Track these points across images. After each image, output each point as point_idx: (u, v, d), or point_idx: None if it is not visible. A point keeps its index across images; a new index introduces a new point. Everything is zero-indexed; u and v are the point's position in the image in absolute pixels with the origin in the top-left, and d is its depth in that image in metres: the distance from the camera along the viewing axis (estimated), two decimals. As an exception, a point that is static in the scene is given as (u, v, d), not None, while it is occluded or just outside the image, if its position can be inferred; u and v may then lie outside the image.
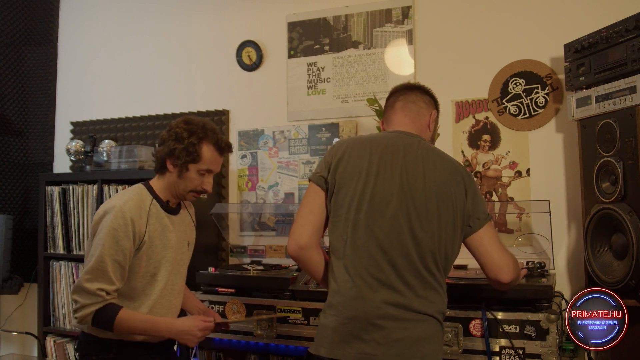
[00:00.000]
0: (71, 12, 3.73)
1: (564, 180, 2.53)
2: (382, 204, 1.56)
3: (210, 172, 1.88)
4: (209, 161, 1.85)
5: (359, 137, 1.73)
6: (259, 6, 3.18)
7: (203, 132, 1.84)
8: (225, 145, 1.89)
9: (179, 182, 1.85)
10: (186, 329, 1.84)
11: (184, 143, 1.81)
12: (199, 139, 1.83)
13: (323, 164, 1.68)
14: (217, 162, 1.90)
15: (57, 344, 3.03)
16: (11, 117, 3.55)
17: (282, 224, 3.05)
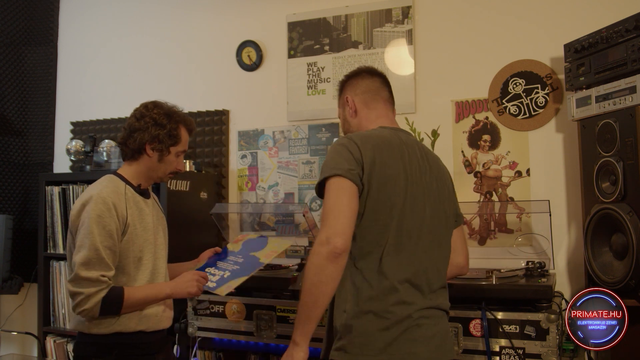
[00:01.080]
0: (71, 12, 3.73)
1: (564, 180, 2.53)
2: (420, 211, 1.57)
3: (184, 153, 1.98)
4: (185, 142, 1.96)
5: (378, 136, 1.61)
6: (259, 6, 3.18)
7: (178, 116, 1.94)
8: (194, 128, 2.02)
9: (159, 166, 1.91)
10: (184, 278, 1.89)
11: (167, 128, 1.88)
12: (177, 122, 1.92)
13: (352, 161, 1.51)
14: (188, 143, 2.01)
15: (57, 344, 3.03)
16: (11, 117, 3.54)
17: (282, 224, 3.05)
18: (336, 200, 1.46)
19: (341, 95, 1.81)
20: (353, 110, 1.75)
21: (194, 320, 2.54)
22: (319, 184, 1.54)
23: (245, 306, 2.46)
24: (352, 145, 1.54)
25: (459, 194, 2.67)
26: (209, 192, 3.02)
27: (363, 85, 1.77)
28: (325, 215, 1.46)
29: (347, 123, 1.78)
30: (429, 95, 2.79)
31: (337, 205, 1.46)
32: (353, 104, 1.75)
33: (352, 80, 1.79)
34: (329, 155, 1.56)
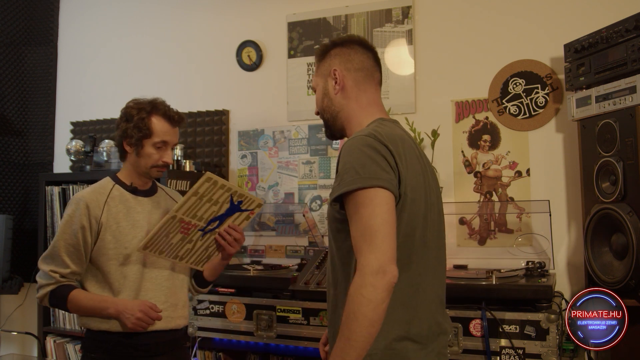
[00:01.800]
0: (71, 12, 3.73)
1: (564, 180, 2.53)
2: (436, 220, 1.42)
3: (166, 145, 1.87)
4: (161, 133, 1.85)
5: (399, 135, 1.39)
6: (259, 6, 3.18)
7: (150, 106, 1.86)
8: (175, 114, 1.89)
9: (139, 161, 1.87)
10: (127, 308, 1.76)
11: (134, 120, 1.83)
12: (148, 112, 1.84)
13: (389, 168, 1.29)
14: (171, 133, 1.88)
15: (57, 344, 3.03)
16: (11, 117, 3.54)
17: (282, 224, 3.05)
18: (383, 218, 1.23)
19: (323, 62, 1.53)
20: (340, 86, 1.48)
21: (194, 320, 2.54)
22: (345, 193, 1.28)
23: (245, 306, 2.46)
24: (383, 148, 1.30)
25: (459, 194, 2.70)
26: (209, 192, 3.02)
27: (357, 60, 1.50)
28: (370, 235, 1.22)
29: (328, 99, 1.51)
30: (429, 95, 2.79)
31: (384, 225, 1.23)
32: (342, 79, 1.48)
33: (344, 50, 1.51)
34: (356, 157, 1.29)
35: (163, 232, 1.75)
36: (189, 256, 1.85)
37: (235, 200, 1.79)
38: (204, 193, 1.73)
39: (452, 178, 2.71)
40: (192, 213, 1.76)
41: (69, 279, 1.81)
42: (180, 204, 1.72)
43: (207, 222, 1.80)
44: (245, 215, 1.86)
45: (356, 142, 1.32)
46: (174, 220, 1.74)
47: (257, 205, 1.85)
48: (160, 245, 1.77)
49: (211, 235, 1.84)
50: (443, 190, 2.65)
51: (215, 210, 1.79)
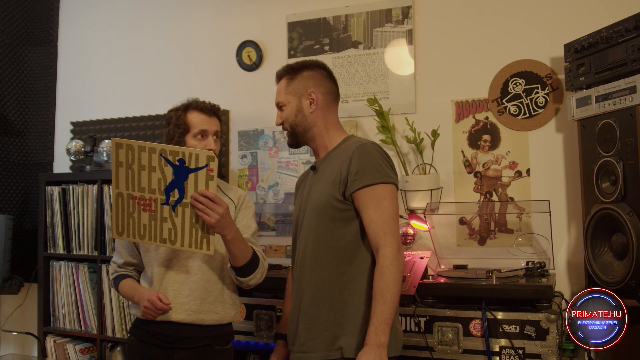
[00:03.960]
0: (71, 12, 3.73)
1: (564, 180, 2.53)
2: None
3: (206, 134, 1.92)
4: (198, 123, 1.92)
5: None
6: (259, 6, 3.18)
7: (184, 105, 1.97)
8: (208, 104, 1.97)
9: None
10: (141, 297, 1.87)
11: (172, 121, 1.94)
12: (182, 110, 1.95)
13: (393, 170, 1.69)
14: (210, 122, 1.94)
15: (57, 344, 3.03)
16: (11, 117, 3.54)
17: (282, 224, 3.05)
18: (395, 210, 1.63)
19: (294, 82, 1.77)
20: (316, 107, 1.76)
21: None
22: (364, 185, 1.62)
23: (245, 306, 2.46)
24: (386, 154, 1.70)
25: (459, 194, 2.70)
26: (209, 192, 3.02)
27: (327, 85, 1.79)
28: (390, 222, 1.60)
29: (302, 115, 1.77)
30: (429, 95, 2.79)
31: (397, 216, 1.63)
32: (317, 100, 1.76)
33: (314, 74, 1.78)
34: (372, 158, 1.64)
35: (121, 212, 1.77)
36: (179, 237, 1.76)
37: (174, 160, 1.70)
38: (128, 161, 1.72)
39: (452, 178, 2.71)
40: (135, 186, 1.74)
41: (125, 269, 2.03)
42: (113, 178, 1.75)
43: (165, 194, 1.73)
44: (204, 175, 1.71)
45: (369, 147, 1.66)
46: (121, 197, 1.75)
47: (208, 158, 1.70)
48: (134, 229, 1.78)
49: (184, 208, 1.73)
50: (443, 190, 2.66)
51: (159, 177, 1.72)
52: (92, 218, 2.99)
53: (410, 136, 2.67)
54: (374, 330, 1.50)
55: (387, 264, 1.54)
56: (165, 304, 1.82)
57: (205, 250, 1.77)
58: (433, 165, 2.69)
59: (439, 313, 2.15)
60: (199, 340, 1.88)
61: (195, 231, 1.75)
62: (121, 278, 2.02)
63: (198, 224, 1.75)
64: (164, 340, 1.87)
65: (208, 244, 1.76)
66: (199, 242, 1.76)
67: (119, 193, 1.75)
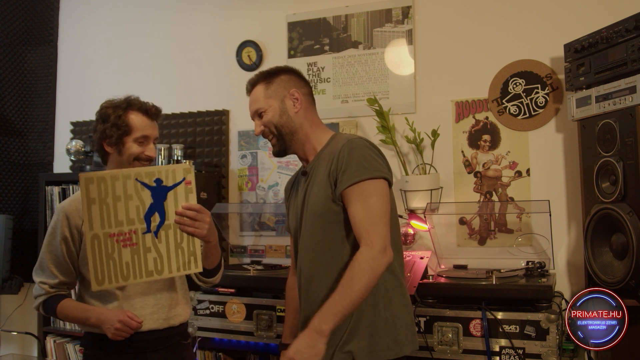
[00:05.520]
0: (71, 12, 3.73)
1: (564, 180, 2.53)
2: None
3: (147, 138, 1.80)
4: (140, 127, 1.78)
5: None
6: (259, 6, 3.18)
7: (126, 103, 1.80)
8: (152, 107, 1.82)
9: (121, 160, 1.79)
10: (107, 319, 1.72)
11: (110, 120, 1.77)
12: (124, 109, 1.78)
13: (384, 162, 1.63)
14: (150, 127, 1.81)
15: (57, 344, 3.03)
16: (11, 117, 3.54)
17: (282, 224, 3.05)
18: (384, 206, 1.55)
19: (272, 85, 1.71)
20: (300, 106, 1.71)
21: (194, 320, 2.54)
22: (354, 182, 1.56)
23: (245, 306, 2.46)
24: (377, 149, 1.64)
25: (459, 194, 2.70)
26: (209, 192, 3.03)
27: (305, 87, 1.76)
28: (377, 220, 1.52)
29: (287, 117, 1.70)
30: (429, 95, 2.79)
31: (386, 213, 1.55)
32: (300, 99, 1.71)
33: (292, 77, 1.74)
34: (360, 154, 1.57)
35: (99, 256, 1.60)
36: (165, 265, 1.65)
37: (150, 182, 1.61)
38: (100, 196, 1.59)
39: (452, 178, 2.71)
40: (112, 222, 1.60)
41: (59, 289, 1.82)
42: (86, 220, 1.59)
43: (145, 221, 1.62)
44: (183, 189, 1.64)
45: (357, 143, 1.59)
46: (97, 240, 1.59)
47: (184, 171, 1.64)
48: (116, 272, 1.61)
49: (167, 230, 1.64)
50: (443, 190, 2.66)
51: (137, 204, 1.61)
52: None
53: (410, 136, 2.67)
54: (319, 316, 1.45)
55: (360, 260, 1.48)
56: (139, 323, 1.72)
57: (194, 269, 1.68)
58: (433, 165, 2.69)
59: (439, 313, 2.15)
60: (170, 339, 1.87)
61: (182, 252, 1.66)
62: (58, 299, 1.80)
63: (184, 244, 1.65)
64: (135, 347, 1.80)
65: (196, 262, 1.67)
66: (186, 263, 1.67)
67: (94, 235, 1.59)
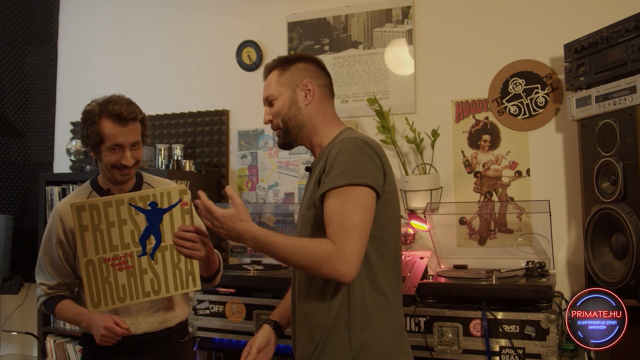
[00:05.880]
0: (71, 12, 3.73)
1: (564, 180, 2.53)
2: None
3: (121, 146, 1.71)
4: (112, 136, 1.69)
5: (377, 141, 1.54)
6: (259, 6, 3.18)
7: (99, 109, 1.70)
8: (124, 111, 1.70)
9: (102, 166, 1.76)
10: (95, 325, 1.69)
11: (85, 129, 1.72)
12: (98, 116, 1.70)
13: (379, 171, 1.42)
14: (126, 133, 1.71)
15: (57, 344, 3.03)
16: (11, 117, 3.54)
17: (282, 224, 3.05)
18: (361, 217, 1.35)
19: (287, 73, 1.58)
20: (312, 99, 1.56)
21: (193, 320, 2.54)
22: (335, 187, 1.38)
23: (245, 306, 2.46)
24: (370, 150, 1.43)
25: (459, 194, 2.70)
26: (209, 192, 3.01)
27: (322, 78, 1.60)
28: (350, 230, 1.33)
29: (296, 108, 1.56)
30: (429, 95, 2.79)
31: (362, 224, 1.35)
32: (313, 91, 1.56)
33: (309, 66, 1.59)
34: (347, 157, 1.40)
35: (94, 281, 1.59)
36: (162, 285, 1.63)
37: (145, 206, 1.58)
38: (93, 223, 1.56)
39: (452, 178, 2.71)
40: (107, 247, 1.58)
41: (58, 290, 1.82)
42: (80, 247, 1.57)
43: (140, 244, 1.60)
44: (180, 211, 1.60)
45: (349, 143, 1.43)
46: (92, 265, 1.58)
47: (180, 192, 1.60)
48: (112, 294, 1.60)
49: (164, 252, 1.62)
50: (443, 190, 2.66)
51: (132, 229, 1.59)
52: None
53: (410, 136, 2.67)
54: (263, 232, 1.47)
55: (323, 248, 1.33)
56: (125, 329, 1.66)
57: (192, 287, 1.65)
58: (433, 165, 2.69)
59: (439, 313, 2.14)
60: (166, 339, 1.86)
61: (179, 272, 1.63)
62: (57, 300, 1.80)
63: (181, 264, 1.62)
64: (132, 346, 1.79)
65: (194, 280, 1.64)
66: (184, 282, 1.63)
67: (88, 261, 1.57)
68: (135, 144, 1.75)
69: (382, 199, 1.42)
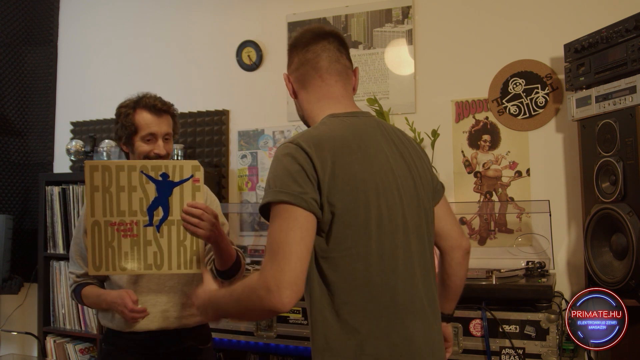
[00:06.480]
0: (71, 12, 3.73)
1: (564, 180, 2.53)
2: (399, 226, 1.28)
3: (155, 136, 1.78)
4: (145, 125, 1.77)
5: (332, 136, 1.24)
6: (259, 6, 3.18)
7: (134, 102, 1.81)
8: (158, 103, 1.81)
9: (134, 158, 1.81)
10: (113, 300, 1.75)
11: (120, 119, 1.80)
12: (132, 109, 1.79)
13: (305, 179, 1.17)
14: (159, 123, 1.79)
15: (57, 344, 3.03)
16: (11, 117, 3.54)
17: (282, 224, 3.04)
18: (287, 235, 1.13)
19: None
20: (291, 91, 1.41)
21: (194, 320, 2.54)
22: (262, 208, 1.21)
23: (245, 306, 2.46)
24: (302, 155, 1.18)
25: (459, 194, 2.70)
26: (209, 192, 3.02)
27: (296, 59, 1.39)
28: (272, 252, 1.13)
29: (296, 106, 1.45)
30: (429, 95, 2.79)
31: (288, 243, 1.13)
32: (290, 83, 1.41)
33: (290, 52, 1.42)
34: (272, 170, 1.21)
35: (98, 243, 1.60)
36: (165, 260, 1.63)
37: (156, 176, 1.59)
38: (104, 184, 1.59)
39: (452, 178, 2.71)
40: (114, 211, 1.60)
41: (85, 279, 1.87)
42: (88, 206, 1.59)
43: (148, 214, 1.60)
44: (191, 187, 1.59)
45: (278, 152, 1.23)
46: (98, 226, 1.59)
47: (193, 168, 1.59)
48: (113, 260, 1.61)
49: (170, 226, 1.61)
50: (443, 190, 2.65)
51: (141, 197, 1.59)
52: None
53: (410, 136, 2.66)
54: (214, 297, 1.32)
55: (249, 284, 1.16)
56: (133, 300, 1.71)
57: (195, 269, 1.63)
58: (433, 165, 2.69)
59: (439, 313, 2.14)
60: (183, 343, 1.85)
61: (184, 250, 1.62)
62: (82, 287, 1.86)
63: (187, 242, 1.62)
64: (147, 347, 1.80)
65: (198, 262, 1.63)
66: (187, 262, 1.63)
67: (95, 222, 1.59)
68: (167, 136, 1.83)
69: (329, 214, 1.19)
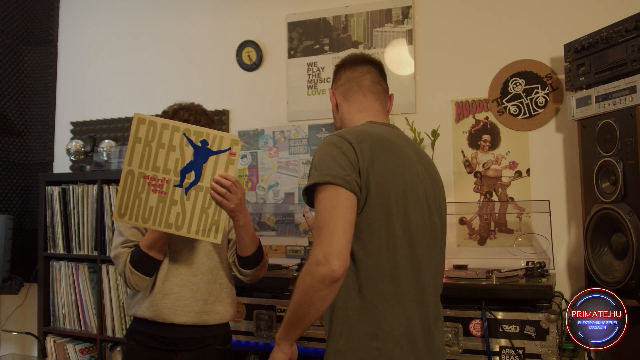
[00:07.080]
0: (71, 12, 3.73)
1: (564, 180, 2.53)
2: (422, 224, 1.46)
3: None
4: None
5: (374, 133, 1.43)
6: (259, 6, 3.18)
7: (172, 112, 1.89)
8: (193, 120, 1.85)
9: None
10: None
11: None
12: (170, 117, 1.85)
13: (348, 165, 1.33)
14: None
15: (57, 344, 3.03)
16: (11, 117, 3.54)
17: (282, 224, 3.05)
18: (331, 212, 1.28)
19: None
20: (334, 104, 1.63)
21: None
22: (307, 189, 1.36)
23: (245, 306, 2.46)
24: (345, 144, 1.36)
25: (459, 194, 2.70)
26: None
27: (343, 77, 1.62)
28: (319, 229, 1.28)
29: (334, 118, 1.66)
30: (429, 95, 2.79)
31: (331, 220, 1.28)
32: (333, 97, 1.63)
33: (336, 71, 1.66)
34: (318, 156, 1.37)
35: (128, 192, 1.65)
36: (186, 223, 1.67)
37: (197, 141, 1.65)
38: (147, 138, 1.64)
39: (452, 178, 2.71)
40: (150, 164, 1.65)
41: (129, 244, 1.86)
42: (128, 155, 1.64)
43: (180, 175, 1.65)
44: (226, 159, 1.65)
45: (323, 142, 1.41)
46: (131, 176, 1.64)
47: (232, 142, 1.65)
48: (139, 211, 1.66)
49: (198, 191, 1.66)
50: (443, 190, 2.65)
51: (178, 157, 1.65)
52: (92, 218, 2.99)
53: (410, 136, 2.66)
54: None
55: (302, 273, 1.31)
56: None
57: (212, 238, 1.68)
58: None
59: (439, 313, 2.14)
60: (202, 341, 1.88)
61: (205, 218, 1.66)
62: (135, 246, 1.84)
63: (210, 210, 1.66)
64: (166, 343, 1.85)
65: (216, 232, 1.67)
66: (207, 230, 1.67)
67: (129, 171, 1.65)
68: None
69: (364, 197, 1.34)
